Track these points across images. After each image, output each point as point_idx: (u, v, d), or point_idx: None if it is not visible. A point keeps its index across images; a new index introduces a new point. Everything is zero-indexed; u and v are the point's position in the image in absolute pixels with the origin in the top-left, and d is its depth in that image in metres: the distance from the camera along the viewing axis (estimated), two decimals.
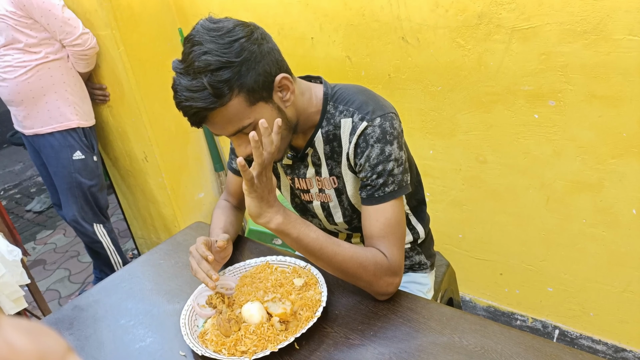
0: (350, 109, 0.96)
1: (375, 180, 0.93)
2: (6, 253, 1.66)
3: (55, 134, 2.06)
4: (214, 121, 0.86)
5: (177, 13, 2.25)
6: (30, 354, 0.32)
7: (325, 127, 0.99)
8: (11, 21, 1.85)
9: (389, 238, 0.93)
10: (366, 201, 0.95)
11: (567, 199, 1.53)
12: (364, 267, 0.90)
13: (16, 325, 0.33)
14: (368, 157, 0.93)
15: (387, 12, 1.61)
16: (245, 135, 0.90)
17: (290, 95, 0.92)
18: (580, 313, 1.69)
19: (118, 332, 1.01)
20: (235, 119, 0.86)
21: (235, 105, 0.84)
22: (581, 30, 1.29)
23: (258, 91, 0.86)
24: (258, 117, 0.87)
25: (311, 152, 1.03)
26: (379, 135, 0.92)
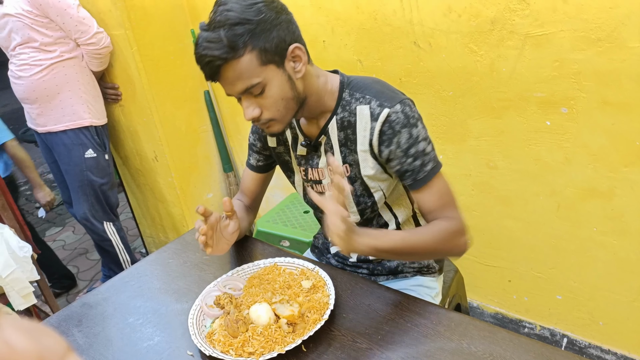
0: (367, 96, 0.99)
1: (412, 164, 0.97)
2: (17, 249, 1.68)
3: (68, 132, 2.08)
4: (226, 75, 0.90)
5: (190, 14, 2.27)
6: (30, 354, 0.32)
7: (340, 114, 1.01)
8: (27, 20, 1.87)
9: (447, 206, 0.99)
10: (413, 186, 0.99)
11: (578, 207, 1.52)
12: (441, 240, 0.96)
13: (16, 325, 0.33)
14: (398, 143, 0.96)
15: (400, 16, 1.61)
16: (253, 98, 0.93)
17: (302, 66, 0.95)
18: (590, 322, 1.67)
19: (126, 331, 1.02)
20: (246, 75, 0.89)
21: (247, 61, 0.88)
22: (595, 38, 1.29)
23: (270, 53, 0.90)
24: (267, 79, 0.91)
25: (324, 140, 1.05)
26: (403, 121, 0.95)
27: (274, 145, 1.16)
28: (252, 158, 1.22)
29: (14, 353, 0.31)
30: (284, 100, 0.94)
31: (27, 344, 0.32)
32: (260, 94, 0.92)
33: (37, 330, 0.34)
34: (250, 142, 1.21)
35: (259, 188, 1.26)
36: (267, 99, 0.93)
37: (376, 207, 1.10)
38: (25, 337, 0.33)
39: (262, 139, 1.18)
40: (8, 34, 1.93)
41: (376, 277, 1.19)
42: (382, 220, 1.12)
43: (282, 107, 0.95)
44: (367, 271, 1.19)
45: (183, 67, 2.31)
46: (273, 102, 0.94)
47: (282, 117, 0.96)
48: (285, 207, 2.16)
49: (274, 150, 1.17)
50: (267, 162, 1.22)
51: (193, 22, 2.28)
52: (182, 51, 2.29)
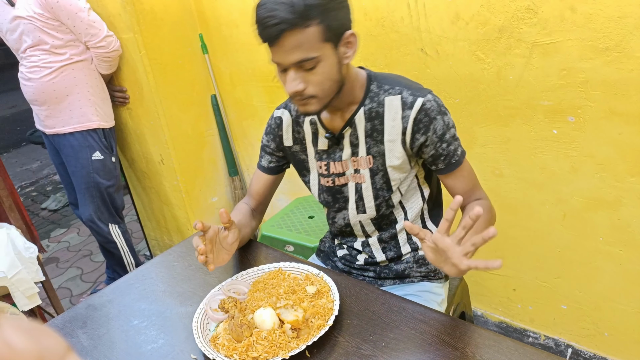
0: (396, 87, 1.02)
1: (446, 149, 1.02)
2: (23, 250, 1.69)
3: (75, 134, 2.10)
4: (286, 42, 0.89)
5: (198, 19, 2.29)
6: (29, 354, 0.32)
7: (368, 105, 1.04)
8: (39, 23, 1.89)
9: (476, 186, 1.10)
10: (446, 170, 1.05)
11: (584, 216, 1.51)
12: (493, 216, 1.09)
13: (16, 325, 0.33)
14: (434, 130, 1.00)
15: (407, 23, 1.61)
16: (302, 72, 0.93)
17: (352, 54, 0.97)
18: (595, 332, 1.66)
19: (130, 333, 1.02)
20: (306, 46, 0.89)
21: (312, 32, 0.89)
22: (603, 47, 1.28)
23: (332, 32, 0.91)
24: (323, 56, 0.92)
25: (349, 132, 1.06)
26: (436, 108, 1.00)
27: (289, 144, 1.17)
28: (263, 159, 1.23)
29: (13, 353, 0.32)
30: (330, 81, 0.95)
31: (27, 344, 0.32)
32: (311, 70, 0.93)
33: (37, 330, 0.34)
34: (263, 144, 1.22)
35: (267, 190, 1.26)
36: (315, 76, 0.93)
37: (392, 203, 1.10)
38: (25, 337, 0.33)
39: (277, 139, 1.18)
40: (19, 36, 1.95)
41: (383, 281, 1.19)
42: (392, 216, 1.13)
43: (327, 87, 0.96)
44: (374, 274, 1.19)
45: (191, 71, 2.32)
46: (320, 81, 0.94)
47: (323, 97, 0.97)
48: (290, 212, 2.16)
49: (290, 150, 1.18)
50: (279, 164, 1.22)
51: (201, 27, 2.30)
52: (190, 55, 2.31)
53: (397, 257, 1.16)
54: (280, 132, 1.17)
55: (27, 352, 0.32)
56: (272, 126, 1.18)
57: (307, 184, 1.21)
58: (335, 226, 1.21)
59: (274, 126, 1.18)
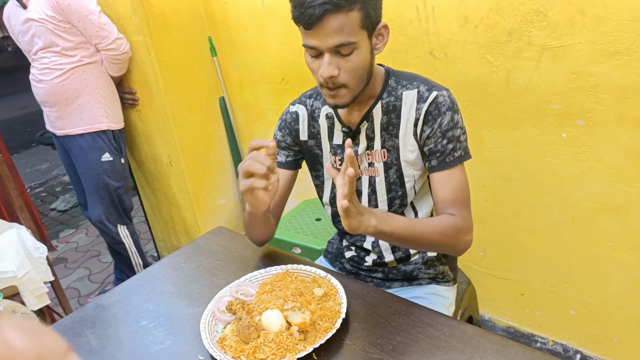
0: (414, 82, 1.04)
1: (445, 146, 1.01)
2: (33, 250, 1.70)
3: (85, 135, 2.12)
4: (328, 24, 0.89)
5: (208, 22, 2.30)
6: (29, 354, 0.32)
7: (385, 99, 1.05)
8: (50, 25, 1.92)
9: (459, 201, 1.01)
10: (437, 168, 1.02)
11: (593, 221, 1.50)
12: (445, 235, 0.98)
13: (16, 325, 0.33)
14: (440, 124, 1.00)
15: (416, 26, 1.61)
16: (338, 57, 0.93)
17: (382, 45, 0.98)
18: (603, 338, 1.64)
19: (139, 334, 1.03)
20: (346, 30, 0.90)
21: (354, 17, 0.89)
22: (613, 51, 1.28)
23: (370, 21, 0.93)
24: (360, 43, 0.92)
25: (366, 126, 1.07)
26: (449, 104, 1.00)
27: (305, 139, 1.17)
28: (280, 156, 1.20)
29: (13, 353, 0.32)
30: (362, 69, 0.96)
31: (27, 344, 0.33)
32: (347, 56, 0.93)
33: (37, 330, 0.34)
34: (277, 140, 1.19)
35: (285, 189, 1.21)
36: (350, 63, 0.93)
37: (405, 201, 1.10)
38: (25, 337, 0.33)
39: (293, 133, 1.17)
40: (31, 38, 1.97)
41: (391, 283, 1.18)
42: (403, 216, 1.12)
43: (358, 76, 0.96)
44: (382, 275, 1.19)
45: (200, 73, 2.33)
46: (354, 68, 0.94)
47: (354, 87, 0.97)
48: (297, 214, 2.16)
49: (305, 144, 1.18)
50: (296, 158, 1.21)
51: (210, 29, 2.31)
52: (199, 58, 2.32)
53: (405, 257, 1.16)
54: (297, 125, 1.17)
55: (27, 352, 0.32)
56: (287, 121, 1.18)
57: (319, 179, 1.20)
58: None
59: (290, 120, 1.17)
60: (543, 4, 1.34)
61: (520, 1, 1.37)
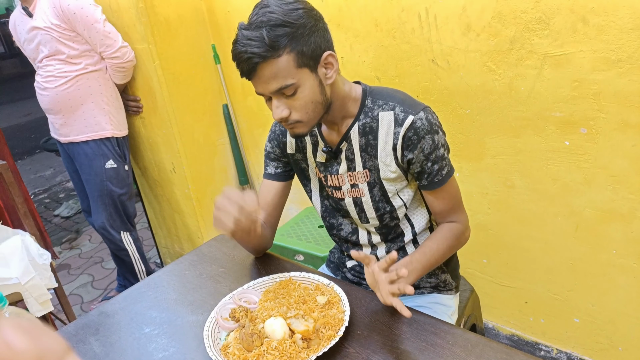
0: (390, 103, 1.03)
1: (431, 168, 1.03)
2: (37, 256, 1.71)
3: (89, 143, 2.13)
4: (262, 73, 0.92)
5: (212, 30, 2.32)
6: (29, 354, 0.32)
7: (362, 120, 1.05)
8: (56, 33, 1.93)
9: (454, 208, 1.09)
10: (427, 187, 1.06)
11: (597, 228, 1.50)
12: (453, 246, 1.09)
13: (16, 325, 0.33)
14: (422, 149, 1.01)
15: (418, 34, 1.62)
16: (284, 98, 0.95)
17: (333, 73, 0.99)
18: (608, 347, 1.63)
19: (142, 341, 1.03)
20: (282, 74, 0.92)
21: (285, 61, 0.91)
22: (615, 59, 1.28)
23: (307, 57, 0.93)
24: (301, 81, 0.94)
25: (345, 147, 1.07)
26: (427, 127, 1.00)
27: (292, 152, 1.18)
28: (270, 167, 1.21)
29: (13, 353, 0.32)
30: (313, 103, 0.97)
31: (27, 344, 0.33)
32: (292, 96, 0.95)
33: (37, 330, 0.34)
34: (267, 151, 1.21)
35: (277, 200, 1.22)
36: (297, 101, 0.95)
37: (396, 215, 1.10)
38: (25, 337, 0.33)
39: (281, 146, 1.18)
40: (36, 46, 1.99)
41: None
42: (399, 229, 1.13)
43: (311, 110, 0.97)
44: None
45: (203, 81, 2.35)
46: (303, 105, 0.96)
47: (309, 120, 0.99)
48: (299, 221, 2.17)
49: (292, 157, 1.18)
50: (286, 170, 1.21)
51: (214, 37, 2.33)
52: (202, 66, 2.33)
53: None
54: (284, 138, 1.17)
55: (27, 352, 0.32)
56: (275, 132, 1.19)
57: (309, 193, 1.22)
58: (341, 235, 1.20)
59: (278, 132, 1.18)
60: (545, 12, 1.35)
61: (523, 9, 1.38)
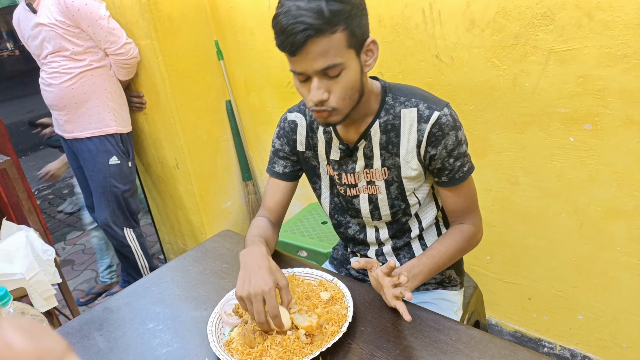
0: (412, 100, 1.01)
1: (453, 164, 1.02)
2: (41, 252, 1.71)
3: (93, 139, 2.13)
4: (312, 49, 0.86)
5: (214, 26, 2.31)
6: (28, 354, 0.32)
7: (383, 117, 1.03)
8: (60, 30, 1.94)
9: (469, 208, 1.08)
10: (448, 184, 1.05)
11: (601, 226, 1.49)
12: (463, 249, 1.08)
13: (15, 325, 0.33)
14: (445, 145, 1.00)
15: (422, 30, 1.61)
16: (326, 80, 0.91)
17: (373, 61, 0.96)
18: (612, 344, 1.63)
19: (146, 336, 1.03)
20: (331, 53, 0.87)
21: (337, 39, 0.87)
22: (621, 54, 1.27)
23: (356, 39, 0.90)
24: (347, 63, 0.90)
25: (364, 145, 1.05)
26: (451, 123, 0.99)
27: (302, 150, 1.15)
28: (278, 165, 1.18)
29: (12, 353, 0.32)
30: (352, 89, 0.93)
31: (27, 344, 0.32)
32: (335, 77, 0.90)
33: (37, 330, 0.34)
34: (275, 148, 1.18)
35: (284, 199, 1.20)
36: (339, 84, 0.91)
37: (409, 212, 1.10)
38: (25, 337, 0.33)
39: (291, 143, 1.15)
40: (41, 42, 1.99)
41: None
42: (407, 225, 1.13)
43: (349, 96, 0.93)
44: None
45: (206, 77, 2.35)
46: (344, 89, 0.92)
47: (344, 108, 0.95)
48: (303, 217, 2.17)
49: (302, 155, 1.16)
50: (295, 169, 1.18)
51: (217, 34, 2.33)
52: (206, 62, 2.33)
53: None
54: (295, 136, 1.14)
55: (27, 352, 0.32)
56: (285, 129, 1.15)
57: (317, 191, 1.20)
58: (348, 233, 1.19)
59: (288, 129, 1.15)
60: (550, 7, 1.34)
61: (527, 5, 1.37)
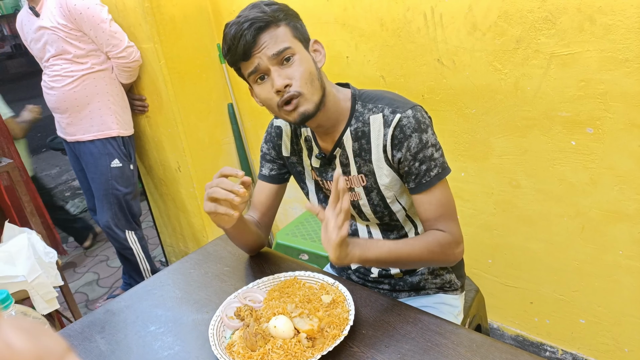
0: (379, 105, 1.02)
1: (418, 168, 1.00)
2: (43, 254, 1.72)
3: (95, 142, 2.14)
4: (261, 42, 0.95)
5: (217, 29, 2.32)
6: (28, 354, 0.32)
7: (353, 125, 1.04)
8: (62, 33, 1.94)
9: (444, 216, 1.02)
10: (415, 190, 1.02)
11: (603, 229, 1.49)
12: (433, 252, 1.00)
13: (15, 325, 0.33)
14: (408, 147, 0.99)
15: (424, 34, 1.62)
16: (281, 69, 0.96)
17: (322, 58, 1.03)
18: (614, 348, 1.62)
19: (147, 339, 1.03)
20: (280, 39, 0.95)
21: (284, 30, 0.96)
22: (622, 58, 1.27)
23: (300, 34, 0.99)
24: (297, 49, 0.97)
25: (339, 153, 1.07)
26: (414, 125, 0.98)
27: (287, 155, 1.17)
28: (265, 168, 1.21)
29: (12, 353, 0.32)
30: (311, 74, 0.97)
31: (26, 344, 0.33)
32: (289, 63, 0.96)
33: (37, 330, 0.34)
34: (263, 152, 1.21)
35: (270, 201, 1.22)
36: (296, 69, 0.96)
37: (396, 218, 1.10)
38: (25, 337, 0.33)
39: (277, 148, 1.18)
40: (43, 45, 2.00)
41: (398, 294, 1.18)
42: (403, 231, 1.13)
43: (310, 82, 0.97)
44: (389, 287, 1.18)
45: (209, 80, 2.35)
46: (301, 74, 0.96)
47: (310, 94, 0.96)
48: (304, 220, 2.17)
49: (288, 160, 1.18)
50: (281, 172, 1.21)
51: (219, 37, 2.33)
52: (208, 65, 2.34)
53: (412, 269, 1.16)
54: (280, 141, 1.17)
55: (27, 352, 0.32)
56: (271, 134, 1.19)
57: (306, 196, 1.22)
58: None
59: (274, 134, 1.18)
60: (551, 11, 1.34)
61: (529, 9, 1.37)
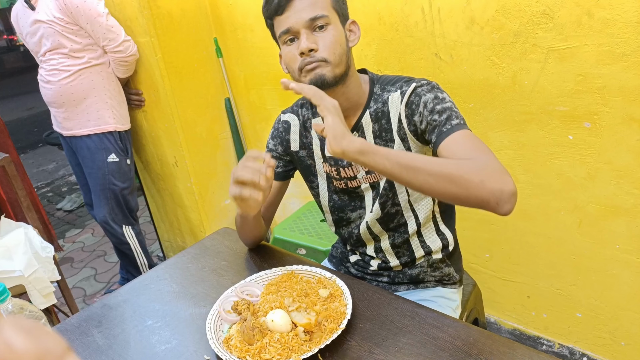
0: (397, 84, 1.04)
1: (438, 119, 0.94)
2: (40, 249, 1.71)
3: (92, 136, 2.13)
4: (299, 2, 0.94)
5: (214, 23, 2.31)
6: (28, 354, 0.32)
7: (373, 107, 1.05)
8: (58, 27, 1.93)
9: (479, 151, 0.86)
10: (438, 141, 0.92)
11: (601, 223, 1.49)
12: (464, 169, 0.81)
13: (16, 325, 0.33)
14: (425, 104, 0.97)
15: (422, 28, 1.61)
16: (313, 35, 0.96)
17: (356, 39, 1.04)
18: (611, 342, 1.63)
19: (145, 333, 1.03)
20: (319, 5, 0.95)
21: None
22: (620, 53, 1.27)
23: (340, 6, 0.99)
24: (333, 20, 0.97)
25: (357, 136, 1.04)
26: (426, 87, 1.00)
27: (296, 149, 1.16)
28: None
29: (13, 353, 0.32)
30: (340, 46, 0.98)
31: (27, 344, 0.33)
32: (322, 30, 0.96)
33: (37, 330, 0.34)
34: (269, 148, 1.20)
35: (273, 197, 1.22)
36: (326, 38, 0.96)
37: (398, 201, 1.09)
38: (25, 337, 0.33)
39: (285, 143, 1.17)
40: (39, 39, 1.99)
41: (397, 286, 1.18)
42: (403, 219, 1.12)
43: (337, 52, 0.97)
44: (388, 279, 1.18)
45: (206, 74, 2.34)
46: (331, 43, 0.96)
47: (334, 63, 0.96)
48: (302, 215, 2.17)
49: (296, 155, 1.17)
50: (286, 169, 1.21)
51: (217, 31, 2.32)
52: (205, 59, 2.33)
53: (410, 261, 1.16)
54: (288, 136, 1.16)
55: (27, 352, 0.32)
56: (279, 130, 1.18)
57: (314, 190, 1.20)
58: (346, 230, 1.19)
59: (282, 130, 1.17)
60: (549, 5, 1.34)
61: (527, 3, 1.37)
